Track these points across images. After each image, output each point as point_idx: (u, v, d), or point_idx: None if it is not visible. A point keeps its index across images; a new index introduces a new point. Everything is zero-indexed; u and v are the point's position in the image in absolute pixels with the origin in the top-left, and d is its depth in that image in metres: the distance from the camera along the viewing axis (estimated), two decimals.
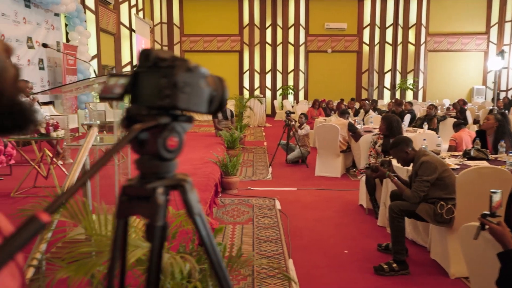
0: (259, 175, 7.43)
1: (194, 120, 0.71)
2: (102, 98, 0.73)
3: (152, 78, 0.66)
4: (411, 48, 19.70)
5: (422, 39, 19.58)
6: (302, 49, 20.37)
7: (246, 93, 20.39)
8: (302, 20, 20.20)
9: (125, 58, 14.65)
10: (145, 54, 0.68)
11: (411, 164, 3.54)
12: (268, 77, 20.60)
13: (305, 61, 20.50)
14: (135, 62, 15.22)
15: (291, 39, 20.30)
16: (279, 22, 20.30)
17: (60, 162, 4.91)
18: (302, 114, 8.61)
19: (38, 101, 6.68)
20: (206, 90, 0.67)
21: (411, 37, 19.60)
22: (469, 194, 3.12)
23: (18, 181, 5.28)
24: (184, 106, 0.64)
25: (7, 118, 0.60)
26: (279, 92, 20.46)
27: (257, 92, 20.18)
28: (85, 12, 10.44)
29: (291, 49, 20.33)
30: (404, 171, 3.91)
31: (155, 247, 0.66)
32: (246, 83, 20.62)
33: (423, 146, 4.12)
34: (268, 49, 20.49)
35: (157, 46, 19.43)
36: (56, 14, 9.60)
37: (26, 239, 0.45)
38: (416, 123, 8.33)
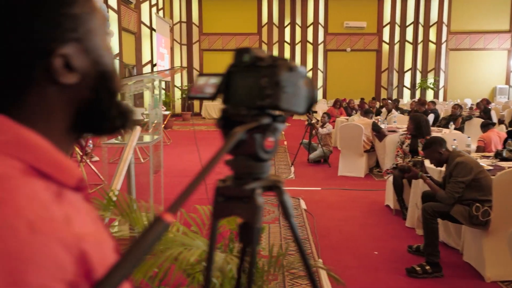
0: (282, 174, 7.42)
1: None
2: (192, 98, 0.73)
3: (250, 78, 0.65)
4: (432, 46, 19.43)
5: (444, 38, 19.30)
6: (321, 48, 20.27)
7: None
8: (321, 19, 20.09)
9: (146, 57, 14.77)
10: (241, 53, 0.67)
11: (444, 165, 3.49)
12: None
13: (324, 60, 20.40)
14: (155, 61, 15.33)
15: (310, 38, 20.22)
16: (298, 20, 20.24)
17: (87, 159, 4.97)
18: (325, 113, 8.57)
19: None
20: (304, 90, 0.66)
21: (432, 36, 19.34)
22: (507, 196, 3.06)
23: None
24: (285, 106, 0.63)
25: (119, 118, 0.60)
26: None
27: None
28: (107, 12, 10.54)
29: (309, 48, 20.25)
30: (435, 172, 3.86)
31: (254, 249, 0.65)
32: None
33: (454, 147, 4.05)
34: (287, 48, 20.45)
35: (176, 45, 19.54)
36: None
37: (153, 240, 0.45)
38: (440, 122, 8.22)
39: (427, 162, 3.80)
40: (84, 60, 0.54)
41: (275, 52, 20.38)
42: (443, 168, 3.57)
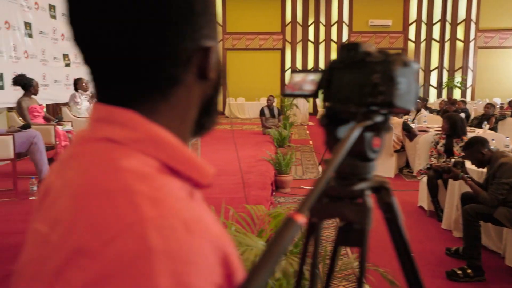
0: (310, 173, 7.37)
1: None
2: (288, 95, 0.71)
3: (358, 74, 0.63)
4: (459, 45, 19.02)
5: (472, 36, 18.87)
6: None
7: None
8: (346, 17, 19.90)
9: None
10: (348, 49, 0.64)
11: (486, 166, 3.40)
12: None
13: None
14: None
15: (334, 36, 20.04)
16: (322, 19, 20.08)
17: None
18: None
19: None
20: (415, 86, 0.63)
21: (460, 34, 18.93)
22: None
23: None
24: (399, 104, 0.61)
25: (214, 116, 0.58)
26: (321, 91, 20.22)
27: None
28: None
29: (333, 46, 20.06)
30: (475, 173, 3.76)
31: (364, 251, 0.63)
32: (288, 81, 20.51)
33: (493, 147, 3.94)
34: (311, 47, 20.32)
35: None
36: None
37: (288, 242, 0.43)
38: (472, 122, 8.03)
39: (467, 163, 3.71)
40: (216, 55, 0.53)
41: (299, 52, 20.30)
42: (484, 169, 3.47)
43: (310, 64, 20.26)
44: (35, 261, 0.44)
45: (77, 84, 6.54)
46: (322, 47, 20.17)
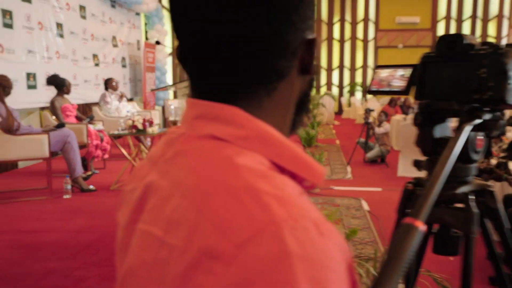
0: (338, 174, 7.26)
1: None
2: (374, 93, 0.65)
3: (461, 68, 0.56)
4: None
5: (504, 32, 18.34)
6: (371, 45, 19.80)
7: (313, 90, 20.15)
8: (372, 15, 19.62)
9: None
10: (449, 41, 0.58)
11: None
12: (335, 74, 20.24)
13: (374, 57, 19.91)
14: None
15: (359, 34, 19.79)
16: (348, 17, 19.85)
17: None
18: (382, 112, 8.32)
19: (125, 97, 6.93)
20: None
21: (491, 30, 18.43)
22: None
23: (111, 174, 5.50)
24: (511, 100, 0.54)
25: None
26: (346, 89, 20.04)
27: (323, 90, 19.92)
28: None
29: (359, 44, 19.83)
30: None
31: (469, 259, 0.57)
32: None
33: None
34: (336, 45, 20.12)
35: None
36: (137, 14, 9.94)
37: (411, 251, 0.39)
38: (509, 121, 7.77)
39: (510, 164, 3.56)
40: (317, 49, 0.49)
41: (324, 50, 20.13)
42: None
43: (336, 63, 20.05)
44: (151, 264, 0.42)
45: (108, 83, 6.61)
46: (347, 45, 19.94)
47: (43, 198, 4.30)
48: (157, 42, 3.33)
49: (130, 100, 7.09)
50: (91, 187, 4.59)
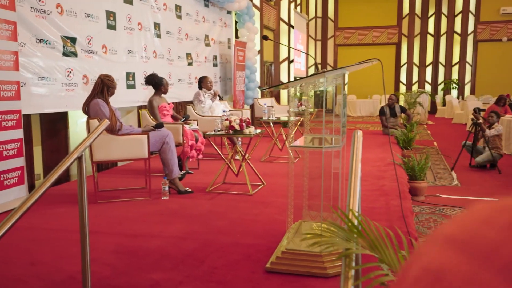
0: (443, 180, 6.61)
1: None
2: None
3: None
4: None
5: None
6: (470, 39, 18.27)
7: (402, 88, 19.15)
8: (472, 6, 18.08)
9: (283, 54, 14.74)
10: None
11: None
12: (429, 70, 18.99)
13: (474, 52, 18.35)
14: (292, 57, 15.24)
15: (457, 28, 18.35)
16: (444, 9, 18.50)
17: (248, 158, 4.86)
18: (492, 112, 7.47)
19: (219, 95, 6.87)
20: None
21: None
22: None
23: (206, 175, 5.43)
24: None
25: None
26: (440, 87, 18.70)
27: (415, 87, 18.78)
28: (252, 9, 10.64)
29: (456, 39, 18.39)
30: None
31: None
32: (403, 77, 19.34)
33: None
34: (430, 40, 18.87)
35: (311, 41, 19.30)
36: (228, 12, 9.93)
37: None
38: None
39: None
40: None
41: (417, 45, 18.95)
42: None
43: (429, 59, 18.83)
44: None
45: (202, 82, 6.58)
46: (443, 40, 18.61)
47: (142, 199, 4.29)
48: (265, 37, 3.10)
49: (221, 99, 7.02)
50: (188, 189, 4.52)
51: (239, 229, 3.35)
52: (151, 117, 5.31)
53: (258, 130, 4.68)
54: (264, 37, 3.26)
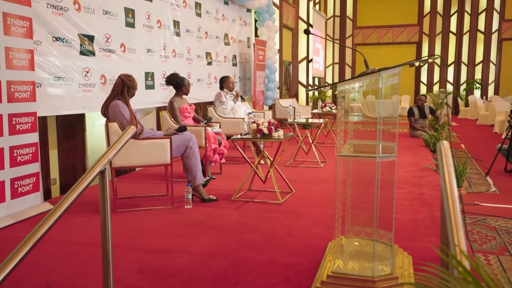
0: (478, 186, 6.20)
1: None
2: None
3: None
4: None
5: None
6: (494, 37, 17.70)
7: (423, 88, 18.65)
8: (497, 4, 17.52)
9: (302, 53, 14.39)
10: None
11: None
12: (450, 70, 18.45)
13: (498, 50, 17.78)
14: (311, 56, 14.89)
15: (481, 26, 17.80)
16: (467, 7, 17.96)
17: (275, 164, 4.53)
18: None
19: (241, 96, 6.57)
20: None
21: None
22: None
23: (229, 180, 5.12)
24: None
25: None
26: (463, 87, 18.15)
27: (436, 87, 18.27)
28: (272, 7, 10.32)
29: (480, 37, 17.84)
30: None
31: None
32: (423, 77, 18.85)
33: None
34: (452, 39, 18.35)
35: (329, 40, 18.89)
36: (248, 10, 9.63)
37: None
38: None
39: None
40: None
41: (438, 44, 18.44)
42: None
43: (451, 58, 18.29)
44: None
45: (224, 82, 6.29)
46: (466, 38, 18.06)
47: (164, 207, 4.00)
48: (306, 31, 2.75)
49: (243, 99, 6.71)
50: (212, 197, 4.22)
51: (273, 244, 3.04)
52: (172, 119, 5.03)
53: (287, 134, 4.36)
54: (305, 31, 2.92)
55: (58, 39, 4.53)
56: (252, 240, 3.11)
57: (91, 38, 4.96)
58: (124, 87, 3.86)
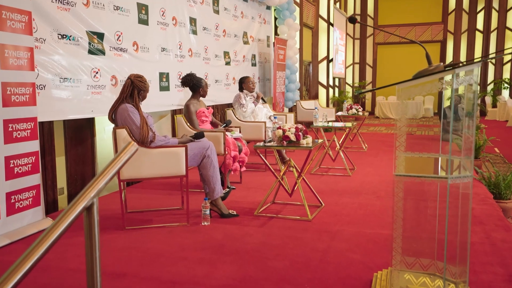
0: None
1: None
2: None
3: None
4: None
5: None
6: None
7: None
8: None
9: (322, 53, 13.87)
10: None
11: None
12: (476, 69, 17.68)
13: None
14: (331, 56, 14.35)
15: (510, 23, 17.00)
16: (495, 4, 17.20)
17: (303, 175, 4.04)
18: None
19: (262, 98, 6.11)
20: None
21: None
22: None
23: (250, 191, 4.66)
24: None
25: None
26: (490, 87, 17.37)
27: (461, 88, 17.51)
28: (292, 5, 9.84)
29: (509, 35, 17.05)
30: None
31: None
32: (448, 77, 18.08)
33: None
34: (478, 37, 17.60)
35: (348, 40, 18.31)
36: (268, 7, 9.17)
37: None
38: None
39: None
40: None
41: (464, 43, 17.71)
42: None
43: (477, 57, 17.50)
44: None
45: (243, 83, 5.84)
46: (493, 36, 17.29)
47: (179, 224, 3.55)
48: (352, 20, 2.24)
49: (264, 101, 6.24)
50: (233, 212, 3.76)
51: (306, 274, 2.56)
52: (188, 123, 4.60)
53: (316, 140, 3.88)
54: (350, 20, 2.42)
55: (64, 36, 4.13)
56: (280, 269, 2.64)
57: (100, 36, 4.56)
58: (134, 89, 3.43)
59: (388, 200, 4.19)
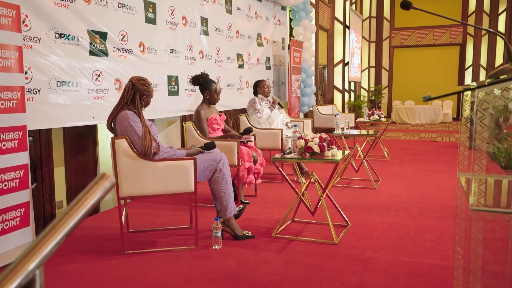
0: None
1: None
2: None
3: None
4: None
5: None
6: None
7: (467, 93, 17.29)
8: None
9: (337, 56, 13.40)
10: None
11: None
12: None
13: None
14: (347, 59, 13.88)
15: None
16: None
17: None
18: None
19: (279, 103, 5.67)
20: None
21: None
22: None
23: (266, 206, 4.21)
24: None
25: None
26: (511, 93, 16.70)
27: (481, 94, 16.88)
28: (308, 6, 9.41)
29: None
30: None
31: None
32: (468, 81, 17.49)
33: None
34: (500, 40, 16.94)
35: (364, 43, 17.80)
36: (283, 8, 8.74)
37: None
38: None
39: None
40: None
41: (484, 46, 17.10)
42: None
43: (499, 61, 16.89)
44: None
45: (258, 87, 5.40)
46: None
47: (186, 248, 3.12)
48: (405, 4, 1.83)
49: (281, 106, 5.79)
50: (248, 233, 3.32)
51: None
52: (198, 132, 4.18)
53: (342, 151, 3.43)
54: (403, 5, 1.96)
55: (62, 35, 3.75)
56: None
57: (103, 36, 4.17)
58: (135, 94, 3.01)
59: (423, 220, 3.71)
